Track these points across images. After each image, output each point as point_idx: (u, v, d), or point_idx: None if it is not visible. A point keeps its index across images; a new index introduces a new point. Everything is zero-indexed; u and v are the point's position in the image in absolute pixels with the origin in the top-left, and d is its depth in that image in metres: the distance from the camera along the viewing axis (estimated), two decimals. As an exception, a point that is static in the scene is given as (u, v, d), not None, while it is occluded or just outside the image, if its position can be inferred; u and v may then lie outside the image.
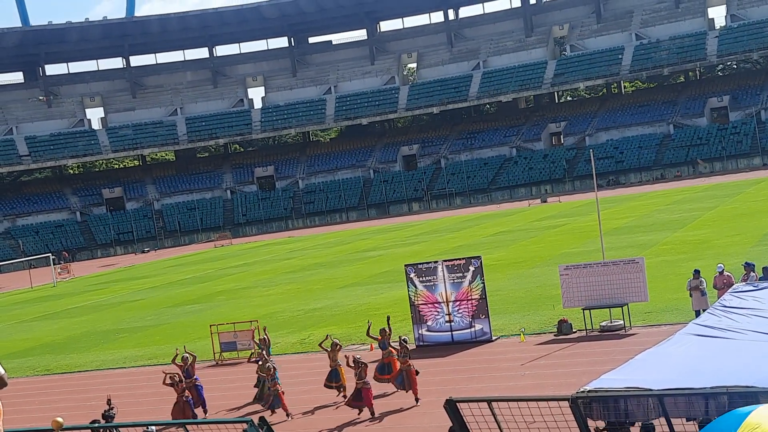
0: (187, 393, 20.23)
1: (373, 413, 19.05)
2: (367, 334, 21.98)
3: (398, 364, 20.25)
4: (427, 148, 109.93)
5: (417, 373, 19.85)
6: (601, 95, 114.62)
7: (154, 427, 14.91)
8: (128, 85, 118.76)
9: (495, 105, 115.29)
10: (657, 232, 45.07)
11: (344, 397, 20.46)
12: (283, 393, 20.02)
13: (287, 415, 19.77)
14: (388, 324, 21.91)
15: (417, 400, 19.53)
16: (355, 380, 19.22)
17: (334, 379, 20.90)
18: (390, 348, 20.92)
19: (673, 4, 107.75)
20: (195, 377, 21.23)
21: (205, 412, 20.83)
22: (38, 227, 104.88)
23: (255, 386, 21.51)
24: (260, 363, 21.08)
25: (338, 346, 21.05)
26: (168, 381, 20.29)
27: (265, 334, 23.40)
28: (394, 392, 20.52)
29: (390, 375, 20.54)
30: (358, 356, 19.63)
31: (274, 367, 20.36)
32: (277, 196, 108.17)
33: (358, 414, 19.17)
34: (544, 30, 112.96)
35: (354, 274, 45.30)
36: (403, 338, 20.46)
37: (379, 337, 21.26)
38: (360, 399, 19.01)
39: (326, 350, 21.27)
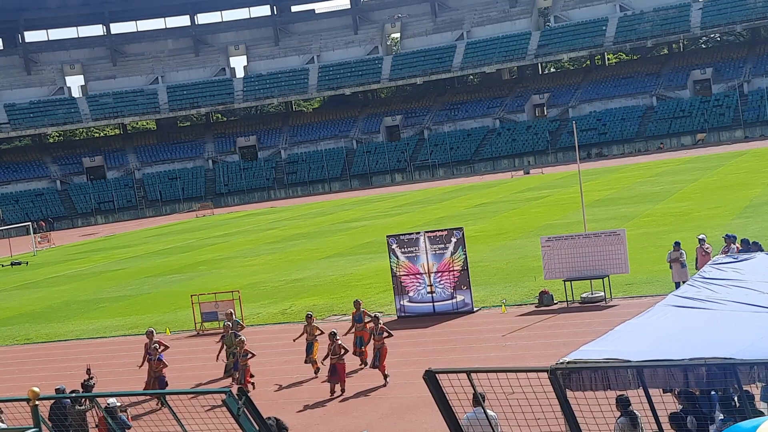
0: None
1: (343, 389, 18.70)
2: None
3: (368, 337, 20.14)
4: (411, 119, 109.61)
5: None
6: (585, 67, 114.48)
7: (114, 399, 14.69)
8: (109, 53, 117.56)
9: (478, 76, 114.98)
10: (639, 204, 45.22)
11: (316, 371, 20.35)
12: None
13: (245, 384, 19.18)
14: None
15: (386, 378, 19.03)
16: (330, 356, 18.95)
17: (308, 353, 20.71)
18: (365, 322, 20.74)
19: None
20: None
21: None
22: (18, 196, 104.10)
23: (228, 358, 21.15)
24: (235, 338, 20.63)
25: (312, 318, 20.96)
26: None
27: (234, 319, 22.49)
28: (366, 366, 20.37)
29: (365, 348, 20.46)
30: (334, 331, 19.38)
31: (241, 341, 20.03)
32: (260, 166, 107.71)
33: (331, 392, 18.64)
34: (529, 1, 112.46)
35: (336, 245, 45.25)
36: (375, 315, 20.39)
37: (354, 310, 21.13)
38: (335, 374, 18.74)
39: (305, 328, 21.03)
